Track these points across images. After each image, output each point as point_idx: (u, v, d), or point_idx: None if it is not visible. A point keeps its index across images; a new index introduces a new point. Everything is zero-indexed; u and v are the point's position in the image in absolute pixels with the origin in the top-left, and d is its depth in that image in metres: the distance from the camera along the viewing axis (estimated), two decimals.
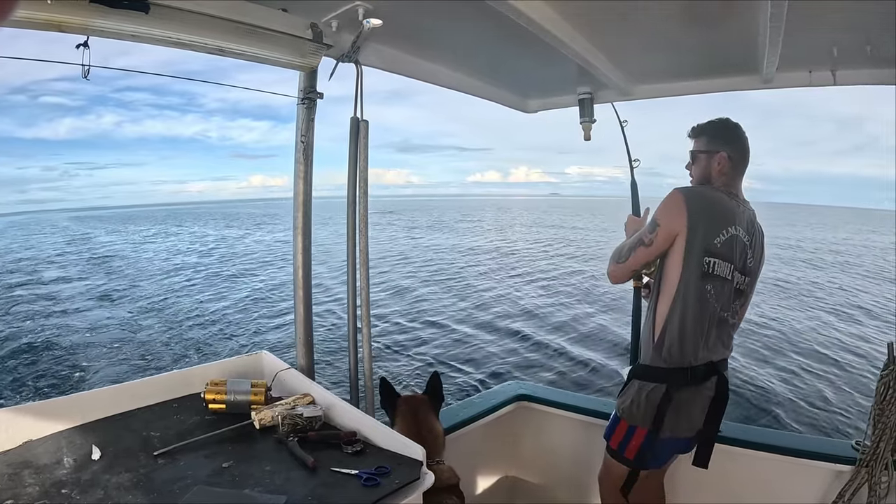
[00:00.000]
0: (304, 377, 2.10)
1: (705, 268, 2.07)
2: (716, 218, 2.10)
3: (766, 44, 1.98)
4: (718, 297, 2.11)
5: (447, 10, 1.92)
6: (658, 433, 2.11)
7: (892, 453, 2.20)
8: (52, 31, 1.44)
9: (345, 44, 2.03)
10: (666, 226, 2.10)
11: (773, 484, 2.47)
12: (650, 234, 2.13)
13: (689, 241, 2.06)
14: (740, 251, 2.14)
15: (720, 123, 2.28)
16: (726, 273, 2.11)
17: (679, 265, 2.08)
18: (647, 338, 2.18)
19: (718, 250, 2.08)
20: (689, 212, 2.06)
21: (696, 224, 2.06)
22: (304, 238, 2.29)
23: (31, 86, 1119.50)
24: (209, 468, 1.52)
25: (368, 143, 2.17)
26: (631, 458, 2.19)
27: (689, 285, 2.08)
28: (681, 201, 2.09)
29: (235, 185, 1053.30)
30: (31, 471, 1.46)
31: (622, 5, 1.89)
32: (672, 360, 2.11)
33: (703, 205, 2.10)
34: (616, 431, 2.23)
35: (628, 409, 2.17)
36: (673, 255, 2.11)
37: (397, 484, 1.45)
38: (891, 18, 1.83)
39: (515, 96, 3.14)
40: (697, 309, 2.08)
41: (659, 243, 2.12)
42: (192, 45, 1.66)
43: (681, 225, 2.06)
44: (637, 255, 2.18)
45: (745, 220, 2.19)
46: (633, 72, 2.65)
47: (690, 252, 2.06)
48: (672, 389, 2.10)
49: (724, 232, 2.09)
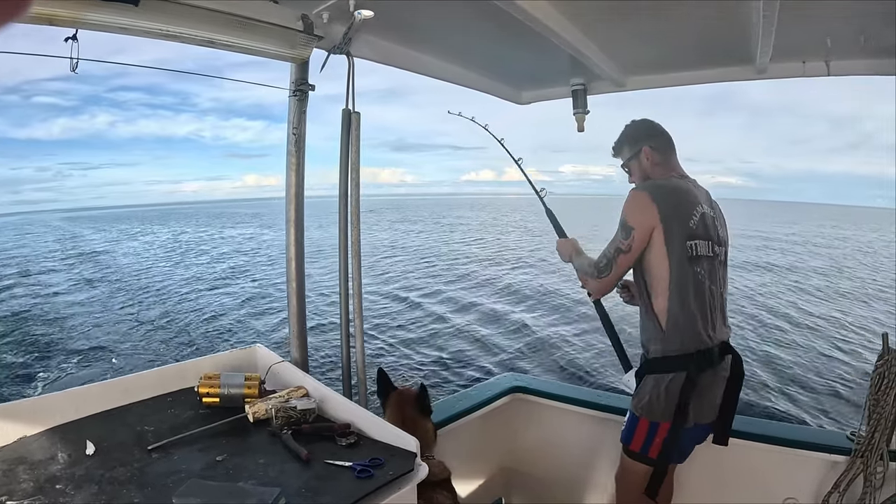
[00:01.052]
0: (297, 370, 2.10)
1: (690, 252, 2.11)
2: (683, 203, 2.16)
3: (759, 34, 1.98)
4: (709, 275, 2.15)
5: (440, 1, 1.91)
6: (684, 423, 2.10)
7: (888, 443, 2.21)
8: (42, 25, 1.43)
9: (336, 35, 2.02)
10: (640, 225, 2.12)
11: (769, 475, 2.48)
12: (626, 239, 2.15)
13: (666, 231, 2.10)
14: (711, 226, 2.20)
15: (631, 127, 2.39)
16: (707, 251, 2.16)
17: (664, 257, 2.11)
18: (654, 333, 2.16)
19: (696, 232, 2.13)
20: (659, 205, 2.11)
21: (668, 214, 2.10)
22: (297, 231, 2.28)
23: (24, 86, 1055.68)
24: (203, 462, 1.51)
25: (360, 136, 2.16)
26: (655, 456, 2.15)
27: (680, 272, 2.10)
28: (646, 198, 2.14)
29: (230, 184, 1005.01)
30: (25, 467, 1.46)
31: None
32: (687, 346, 2.10)
33: (668, 195, 2.16)
34: (636, 433, 2.19)
35: (647, 406, 2.15)
36: (653, 250, 2.13)
37: (391, 475, 1.45)
38: (884, 9, 1.83)
39: (508, 88, 3.13)
40: (694, 291, 2.10)
41: (637, 245, 2.14)
42: (182, 37, 1.65)
43: (654, 220, 2.10)
44: (620, 263, 2.19)
45: (704, 195, 2.27)
46: (626, 63, 2.64)
47: (671, 241, 2.10)
48: (694, 375, 2.09)
49: (695, 213, 2.16)
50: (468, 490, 2.84)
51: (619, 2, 1.93)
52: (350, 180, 2.18)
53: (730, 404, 2.24)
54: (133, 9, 1.51)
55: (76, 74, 1.61)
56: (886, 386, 2.17)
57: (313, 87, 2.17)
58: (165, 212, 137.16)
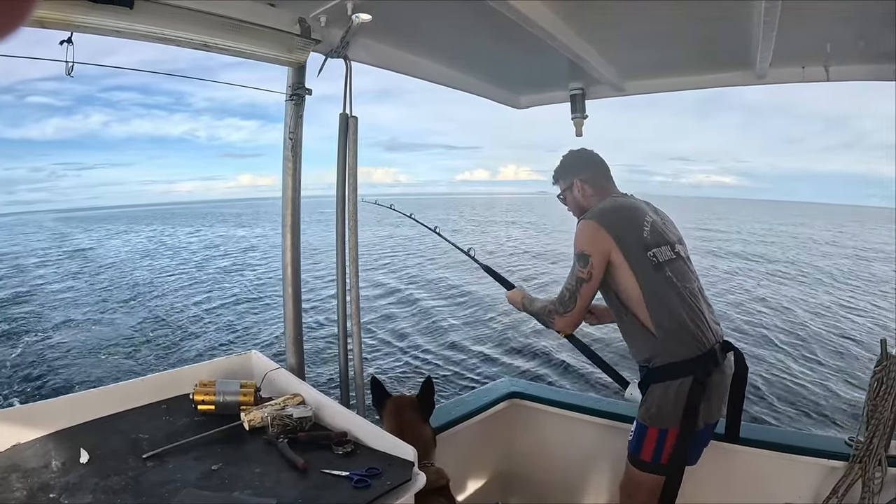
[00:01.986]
0: (293, 377, 2.08)
1: (653, 261, 2.14)
2: (630, 218, 2.22)
3: (759, 39, 1.98)
4: (678, 275, 2.17)
5: (437, 5, 1.90)
6: (695, 426, 2.10)
7: (886, 449, 2.21)
8: (33, 27, 1.41)
9: (333, 39, 2.01)
10: (597, 253, 2.15)
11: (767, 480, 2.48)
12: (584, 268, 2.16)
13: (624, 251, 2.13)
14: (663, 230, 2.25)
15: (563, 160, 2.47)
16: (669, 254, 2.19)
17: (630, 275, 2.13)
18: (649, 344, 2.15)
19: (651, 241, 2.17)
20: (609, 228, 2.15)
21: (620, 234, 2.14)
22: (293, 235, 2.27)
23: (18, 86, 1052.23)
24: (198, 470, 1.50)
25: (358, 140, 2.15)
26: (666, 462, 2.14)
27: (650, 283, 2.12)
28: (595, 225, 2.18)
29: (224, 184, 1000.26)
30: (18, 475, 1.44)
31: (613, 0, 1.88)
32: (690, 351, 2.10)
33: (613, 216, 2.21)
34: (645, 443, 2.17)
35: (657, 415, 2.13)
36: (618, 271, 2.16)
37: (389, 485, 1.43)
38: (884, 14, 1.83)
39: (507, 92, 3.13)
40: (672, 293, 2.12)
41: (597, 272, 2.16)
42: (177, 40, 1.64)
43: (608, 243, 2.14)
44: (583, 294, 2.20)
45: (643, 205, 2.32)
46: (625, 67, 2.64)
47: (631, 258, 2.13)
48: (702, 377, 2.08)
49: (644, 224, 2.20)
50: (466, 495, 2.84)
51: (619, 6, 1.93)
52: (347, 185, 2.17)
53: (737, 400, 2.27)
54: (128, 11, 1.50)
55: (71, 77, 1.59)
56: (884, 392, 2.17)
57: (310, 92, 2.16)
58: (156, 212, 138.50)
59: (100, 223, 79.61)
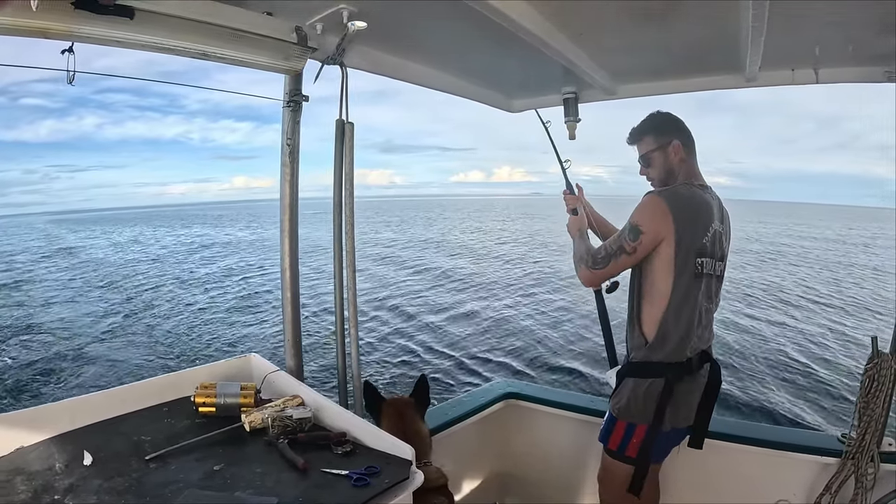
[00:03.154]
0: (292, 379, 2.10)
1: (697, 269, 2.09)
2: (700, 218, 2.13)
3: (748, 43, 2.00)
4: (706, 292, 2.16)
5: (431, 12, 1.92)
6: (660, 427, 2.12)
7: (878, 445, 2.24)
8: (36, 38, 1.44)
9: (330, 46, 2.04)
10: (651, 232, 2.08)
11: (761, 477, 2.50)
12: (633, 242, 2.10)
13: (678, 245, 2.06)
14: (720, 242, 2.19)
15: (660, 117, 2.31)
16: (712, 269, 2.16)
17: (669, 270, 2.08)
18: (638, 340, 2.18)
19: (707, 249, 2.11)
20: (675, 217, 2.06)
21: (683, 228, 2.06)
22: (291, 240, 2.29)
23: (12, 87, 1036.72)
24: (200, 471, 1.52)
25: (354, 146, 2.17)
26: (634, 455, 2.18)
27: (682, 289, 2.08)
28: (664, 207, 2.08)
29: (218, 186, 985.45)
30: (23, 477, 1.46)
31: (604, 5, 1.90)
32: (671, 356, 2.12)
33: (686, 207, 2.11)
34: (614, 433, 2.22)
35: (625, 408, 2.17)
36: (658, 260, 2.10)
37: (387, 483, 1.46)
38: (872, 18, 1.85)
39: (500, 96, 3.15)
40: (690, 308, 2.11)
41: (642, 251, 2.10)
42: (177, 49, 1.66)
43: (667, 231, 2.06)
44: (619, 263, 2.16)
45: (719, 209, 2.22)
46: (617, 71, 2.66)
47: (681, 255, 2.07)
48: (673, 382, 2.10)
49: (709, 230, 2.12)
50: (463, 495, 2.86)
51: (610, 11, 1.95)
52: (344, 190, 2.19)
53: (706, 410, 2.25)
54: (128, 22, 1.52)
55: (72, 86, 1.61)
56: (876, 389, 2.20)
57: (307, 99, 2.18)
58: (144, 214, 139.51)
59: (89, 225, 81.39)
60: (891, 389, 2.19)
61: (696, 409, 2.24)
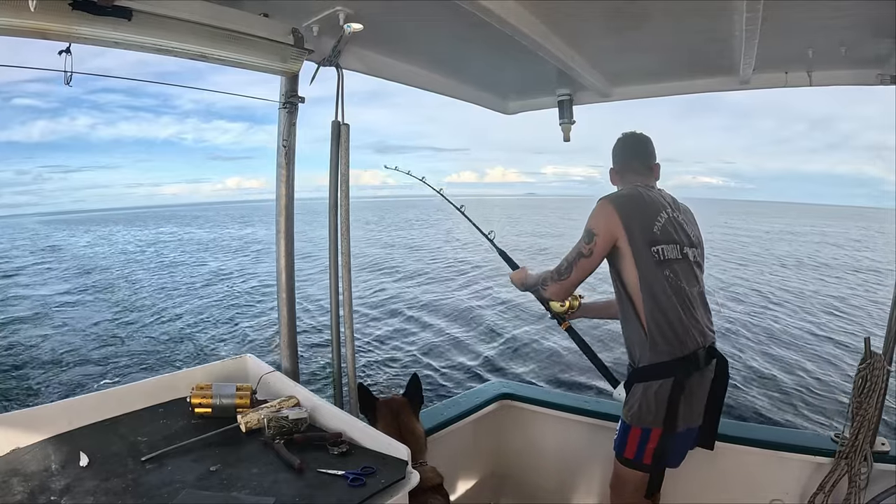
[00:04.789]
0: (288, 380, 2.10)
1: (656, 257, 2.16)
2: (645, 210, 2.23)
3: (742, 46, 2.02)
4: (681, 276, 2.20)
5: (427, 14, 1.93)
6: (675, 427, 2.14)
7: (871, 445, 2.25)
8: (35, 39, 1.44)
9: (326, 48, 2.05)
10: (603, 233, 2.19)
11: (754, 477, 2.51)
12: (588, 244, 2.21)
13: (631, 240, 2.16)
14: (679, 229, 2.27)
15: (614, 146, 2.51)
16: (676, 254, 2.21)
17: (632, 265, 2.17)
18: (639, 339, 2.19)
19: (660, 237, 2.19)
20: (621, 214, 2.18)
21: (630, 222, 2.17)
22: (287, 242, 2.29)
23: (4, 87, 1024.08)
24: (197, 472, 1.52)
25: (349, 147, 2.18)
26: (650, 462, 2.19)
27: (649, 278, 2.15)
28: (610, 207, 2.22)
29: (210, 187, 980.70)
30: (19, 479, 1.45)
31: (599, 7, 1.91)
32: (674, 351, 2.13)
33: (629, 204, 2.23)
34: (629, 441, 2.21)
35: (637, 414, 2.17)
36: (622, 259, 2.20)
37: (383, 483, 1.46)
38: (864, 21, 1.87)
39: (495, 98, 3.17)
40: (667, 294, 2.15)
41: (599, 251, 2.20)
42: (174, 51, 1.67)
43: (617, 228, 2.17)
44: (580, 267, 2.25)
45: (668, 201, 2.34)
46: (611, 73, 2.68)
47: (637, 249, 2.16)
48: (682, 379, 2.13)
49: (658, 218, 2.22)
50: (458, 495, 2.86)
51: (605, 14, 1.97)
52: (340, 191, 2.20)
53: (715, 407, 2.28)
54: (126, 23, 1.52)
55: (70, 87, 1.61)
56: (869, 389, 2.22)
57: (303, 100, 2.19)
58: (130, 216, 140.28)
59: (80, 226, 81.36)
60: (883, 389, 2.21)
61: (705, 409, 2.26)
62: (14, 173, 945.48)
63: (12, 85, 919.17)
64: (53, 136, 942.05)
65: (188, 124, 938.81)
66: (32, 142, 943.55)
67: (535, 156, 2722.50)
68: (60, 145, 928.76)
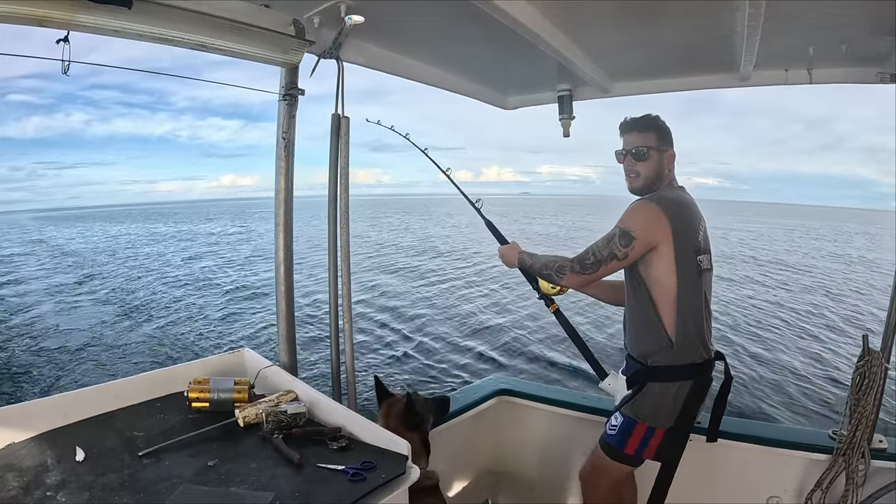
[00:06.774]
0: (287, 374, 2.09)
1: (699, 266, 2.15)
2: (693, 220, 2.19)
3: (743, 42, 2.02)
4: (707, 286, 2.20)
5: (428, 8, 1.93)
6: (687, 428, 2.16)
7: (868, 442, 2.26)
8: (32, 26, 1.42)
9: (326, 40, 2.03)
10: (643, 238, 2.10)
11: (753, 474, 2.52)
12: (624, 247, 2.11)
13: (677, 247, 2.10)
14: (707, 238, 2.25)
15: (662, 121, 2.29)
16: (707, 265, 2.20)
17: (671, 270, 2.11)
18: (660, 343, 2.16)
19: (703, 246, 2.17)
20: (672, 221, 2.09)
21: (679, 230, 2.10)
22: (286, 235, 2.28)
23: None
24: (195, 467, 1.51)
25: (349, 140, 2.17)
26: (651, 457, 2.21)
27: (689, 287, 2.12)
28: (658, 212, 2.11)
29: (205, 184, 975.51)
30: (14, 473, 1.44)
31: (603, 3, 1.91)
32: (696, 357, 2.15)
33: (680, 212, 2.15)
34: (632, 437, 2.20)
35: (651, 413, 2.17)
36: (658, 262, 2.12)
37: (383, 478, 1.45)
38: (865, 19, 1.87)
39: (495, 93, 3.16)
40: (699, 303, 2.15)
41: (633, 256, 2.13)
42: (174, 40, 1.65)
43: (664, 235, 2.09)
44: (609, 267, 2.17)
45: (699, 209, 2.28)
46: (612, 69, 2.67)
47: (682, 257, 2.11)
48: (703, 384, 2.17)
49: (700, 228, 2.20)
50: (455, 492, 2.86)
51: (606, 9, 1.96)
52: (339, 184, 2.19)
53: (720, 404, 2.33)
54: (126, 11, 1.51)
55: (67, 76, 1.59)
56: (867, 386, 2.23)
57: (303, 92, 2.17)
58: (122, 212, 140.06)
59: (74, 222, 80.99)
60: (881, 387, 2.22)
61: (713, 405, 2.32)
62: (8, 169, 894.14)
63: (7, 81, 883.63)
64: (48, 132, 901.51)
65: (183, 121, 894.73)
66: (27, 138, 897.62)
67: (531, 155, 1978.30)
68: (55, 141, 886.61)
